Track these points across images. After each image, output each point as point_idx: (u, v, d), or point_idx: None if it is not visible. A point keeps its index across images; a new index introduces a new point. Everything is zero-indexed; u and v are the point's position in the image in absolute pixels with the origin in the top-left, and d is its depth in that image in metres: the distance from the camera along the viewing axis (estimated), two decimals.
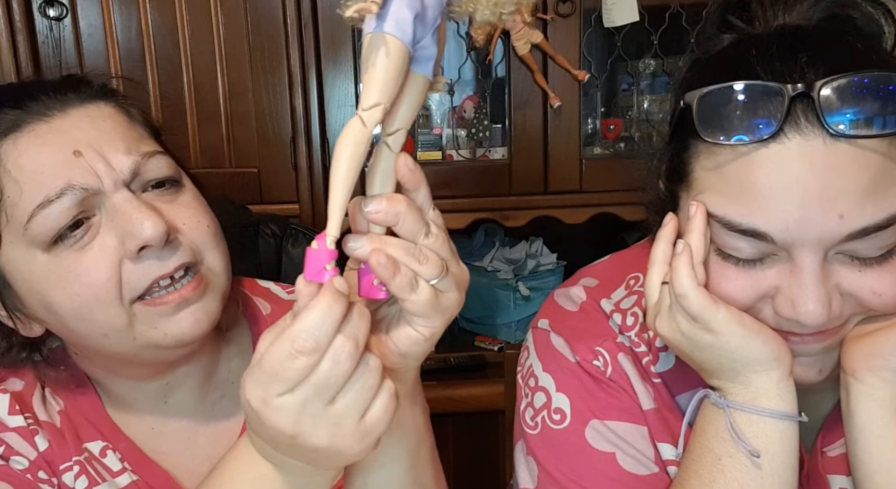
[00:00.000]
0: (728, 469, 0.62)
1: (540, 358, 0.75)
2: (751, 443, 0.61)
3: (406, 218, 0.48)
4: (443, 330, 0.53)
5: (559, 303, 0.78)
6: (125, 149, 0.65)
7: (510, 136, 1.53)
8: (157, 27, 1.43)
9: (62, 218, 0.61)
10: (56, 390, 0.72)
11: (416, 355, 0.54)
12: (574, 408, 0.71)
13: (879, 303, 0.59)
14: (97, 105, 0.67)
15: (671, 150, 0.66)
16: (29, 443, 0.67)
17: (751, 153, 0.57)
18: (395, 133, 0.48)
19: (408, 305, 0.50)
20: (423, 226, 0.49)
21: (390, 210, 0.48)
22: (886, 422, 0.62)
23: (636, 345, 0.73)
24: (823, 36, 0.60)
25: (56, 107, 0.65)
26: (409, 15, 0.44)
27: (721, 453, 0.63)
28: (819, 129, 0.55)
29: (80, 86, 0.67)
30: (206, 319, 0.67)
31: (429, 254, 0.50)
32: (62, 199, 0.61)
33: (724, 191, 0.59)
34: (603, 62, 1.57)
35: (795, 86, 0.56)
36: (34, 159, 0.62)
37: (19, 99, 0.64)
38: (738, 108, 0.57)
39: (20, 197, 0.62)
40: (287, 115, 1.48)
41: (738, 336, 0.61)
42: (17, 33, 1.38)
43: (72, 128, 0.64)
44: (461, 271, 0.53)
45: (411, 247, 0.49)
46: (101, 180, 0.62)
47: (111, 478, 0.70)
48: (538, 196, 1.55)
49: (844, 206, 0.55)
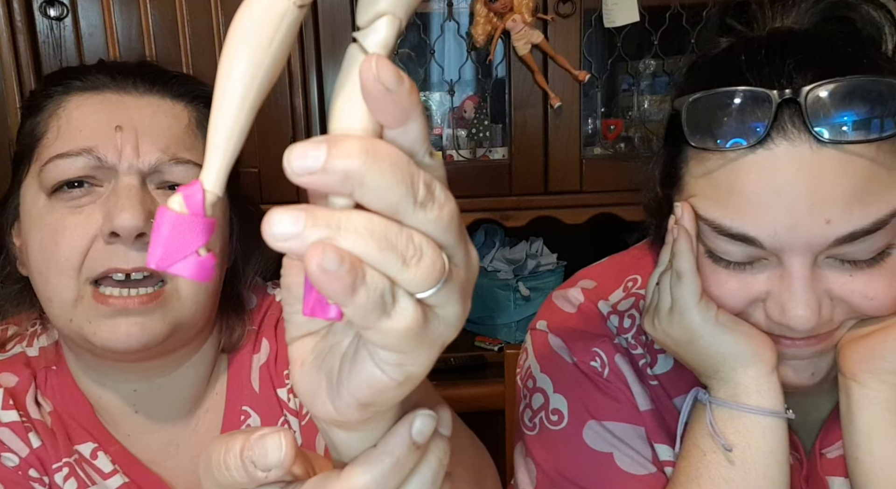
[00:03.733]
0: (713, 465, 0.63)
1: (538, 359, 0.75)
2: (726, 438, 0.62)
3: (373, 179, 0.26)
4: (429, 367, 0.31)
5: (557, 305, 0.78)
6: (164, 146, 0.67)
7: (510, 136, 1.53)
8: (157, 27, 1.43)
9: (70, 172, 0.64)
10: (46, 392, 0.71)
11: (383, 404, 0.32)
12: (572, 409, 0.71)
13: (871, 306, 0.59)
14: (173, 103, 0.70)
15: (665, 154, 0.66)
16: (22, 439, 0.67)
17: (739, 159, 0.57)
18: (375, 23, 0.28)
19: (373, 336, 0.29)
20: (409, 190, 0.27)
21: (333, 166, 0.26)
22: (889, 425, 0.61)
23: (633, 347, 0.73)
24: (813, 40, 0.60)
25: (140, 89, 0.68)
26: None
27: (706, 449, 0.63)
28: (806, 135, 0.55)
29: (175, 83, 0.71)
30: (140, 335, 0.64)
31: (421, 243, 0.28)
32: (77, 158, 0.64)
33: (713, 196, 0.60)
34: (603, 62, 1.57)
35: (783, 91, 0.56)
36: (83, 118, 0.66)
37: (117, 71, 0.69)
38: (725, 115, 0.57)
39: (54, 142, 0.66)
40: (287, 115, 1.48)
41: (712, 333, 0.61)
42: (17, 33, 1.39)
43: (134, 109, 0.67)
44: (471, 264, 0.31)
45: (389, 233, 0.27)
46: (119, 159, 0.65)
47: (102, 481, 0.69)
48: (538, 196, 1.55)
49: (831, 211, 0.55)
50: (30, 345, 0.74)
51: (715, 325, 0.61)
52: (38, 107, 0.68)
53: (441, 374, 1.52)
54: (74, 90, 0.68)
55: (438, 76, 1.59)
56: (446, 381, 1.48)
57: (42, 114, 0.68)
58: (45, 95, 0.69)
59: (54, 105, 0.67)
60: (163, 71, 0.72)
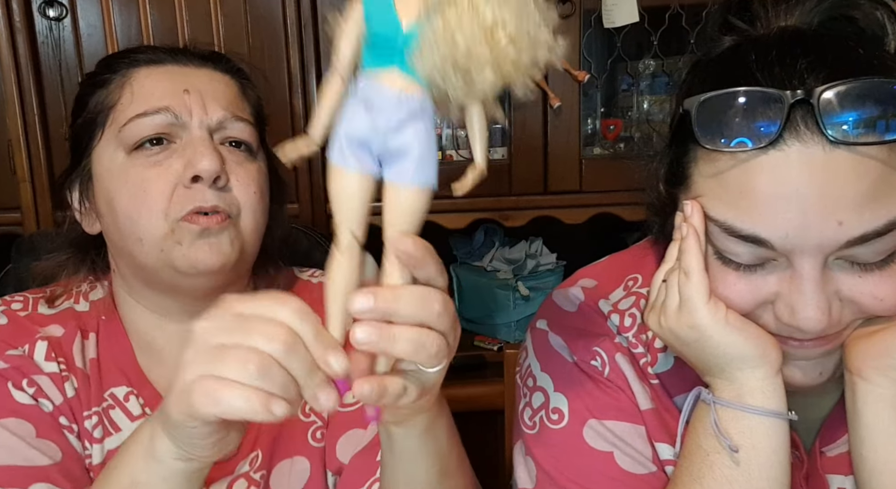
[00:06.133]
0: (716, 465, 0.63)
1: (538, 358, 0.75)
2: (731, 439, 0.62)
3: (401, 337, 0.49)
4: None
5: (557, 304, 0.78)
6: (225, 105, 0.78)
7: (510, 136, 1.53)
8: (157, 28, 1.43)
9: (149, 129, 0.75)
10: (100, 336, 0.81)
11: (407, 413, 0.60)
12: (572, 408, 0.71)
13: (881, 307, 0.59)
14: (223, 75, 0.82)
15: (671, 153, 0.66)
16: (58, 388, 0.75)
17: (750, 160, 0.57)
18: (339, 230, 0.48)
19: (393, 406, 0.51)
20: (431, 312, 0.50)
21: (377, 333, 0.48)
22: (893, 421, 0.62)
23: (634, 346, 0.73)
24: (824, 40, 0.59)
25: (195, 63, 0.81)
26: (341, 133, 0.48)
27: (709, 449, 0.63)
28: (819, 136, 0.55)
29: (220, 60, 0.84)
30: (218, 253, 0.73)
31: (435, 342, 0.51)
32: (156, 116, 0.75)
33: (723, 197, 0.59)
34: (603, 62, 1.57)
35: (795, 92, 0.55)
36: (154, 84, 0.77)
37: (177, 52, 0.82)
38: (737, 115, 0.57)
39: (129, 105, 0.76)
40: (287, 116, 1.48)
41: (721, 333, 0.61)
42: (16, 33, 1.38)
43: (195, 78, 0.79)
44: (457, 337, 0.55)
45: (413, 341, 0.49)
46: (191, 116, 0.76)
47: (130, 423, 0.77)
48: (538, 196, 1.55)
49: (843, 213, 0.55)
50: (77, 302, 0.83)
51: (724, 325, 0.61)
52: (103, 81, 0.79)
53: None
54: (141, 63, 0.79)
55: None
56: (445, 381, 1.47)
57: (110, 85, 0.79)
58: (111, 70, 0.79)
59: (121, 77, 0.78)
60: (210, 50, 0.85)
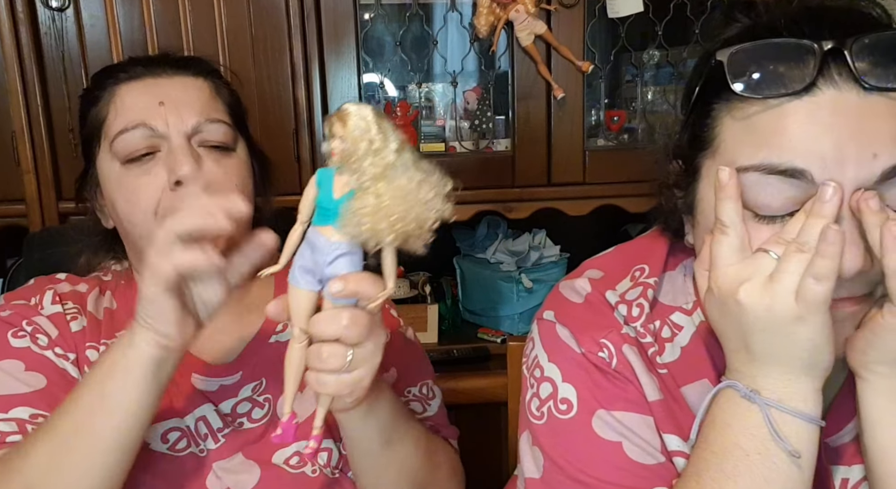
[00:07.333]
0: (757, 465, 0.61)
1: (545, 348, 0.75)
2: (790, 443, 0.61)
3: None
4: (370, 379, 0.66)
5: (564, 295, 0.78)
6: (199, 110, 0.85)
7: (513, 127, 1.53)
8: (159, 18, 1.43)
9: (133, 144, 0.83)
10: (117, 294, 0.91)
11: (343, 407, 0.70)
12: (580, 398, 0.71)
13: None
14: (196, 79, 0.89)
15: (692, 119, 0.67)
16: (57, 326, 0.84)
17: (783, 105, 0.59)
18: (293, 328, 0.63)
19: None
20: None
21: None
22: (885, 412, 0.63)
23: (642, 336, 0.73)
24: (847, 9, 0.63)
25: (169, 72, 0.88)
26: (296, 264, 0.62)
27: (750, 449, 0.61)
28: (852, 83, 0.57)
29: (191, 64, 0.91)
30: None
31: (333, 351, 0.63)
32: (135, 131, 0.83)
33: (754, 140, 0.61)
34: (607, 53, 1.57)
35: (827, 42, 0.58)
36: (133, 100, 0.86)
37: (151, 63, 0.89)
38: (771, 63, 0.59)
39: (115, 121, 0.85)
40: (290, 107, 1.48)
41: (824, 334, 0.59)
42: (19, 24, 1.38)
43: (170, 87, 0.87)
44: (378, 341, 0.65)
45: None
46: (167, 127, 0.83)
47: None
48: (541, 188, 1.55)
49: (878, 146, 0.57)
50: (105, 275, 0.95)
51: (825, 312, 0.58)
52: (96, 98, 0.88)
53: (444, 366, 1.52)
54: (122, 81, 0.87)
55: (441, 67, 1.59)
56: (449, 373, 1.48)
57: (101, 102, 0.88)
58: (101, 89, 0.88)
59: (109, 94, 0.87)
60: (182, 56, 0.92)
